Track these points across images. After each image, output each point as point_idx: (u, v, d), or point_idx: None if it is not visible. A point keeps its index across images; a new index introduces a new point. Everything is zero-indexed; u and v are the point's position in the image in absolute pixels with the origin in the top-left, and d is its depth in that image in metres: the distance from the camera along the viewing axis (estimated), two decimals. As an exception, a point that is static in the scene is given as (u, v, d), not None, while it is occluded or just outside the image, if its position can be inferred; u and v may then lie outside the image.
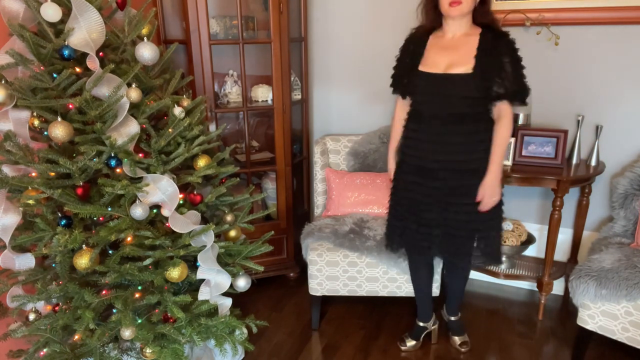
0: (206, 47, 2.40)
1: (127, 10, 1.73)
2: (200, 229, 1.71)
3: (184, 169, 1.86)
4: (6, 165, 1.63)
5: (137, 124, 1.66)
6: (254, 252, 1.96)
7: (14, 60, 1.51)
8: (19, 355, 1.80)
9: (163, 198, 1.66)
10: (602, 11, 2.27)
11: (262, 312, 2.63)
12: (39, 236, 1.62)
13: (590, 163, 2.38)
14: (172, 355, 1.76)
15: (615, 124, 2.39)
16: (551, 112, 2.51)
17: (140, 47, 1.69)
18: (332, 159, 2.71)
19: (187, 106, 1.85)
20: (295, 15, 2.71)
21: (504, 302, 2.70)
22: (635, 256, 2.02)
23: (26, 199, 1.59)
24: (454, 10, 1.77)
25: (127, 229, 1.60)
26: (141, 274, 1.65)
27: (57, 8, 1.51)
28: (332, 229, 2.35)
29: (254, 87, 2.72)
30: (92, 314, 1.60)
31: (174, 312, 1.68)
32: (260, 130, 2.99)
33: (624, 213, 2.28)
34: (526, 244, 2.56)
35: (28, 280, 1.73)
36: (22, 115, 1.60)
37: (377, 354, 2.29)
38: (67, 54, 1.57)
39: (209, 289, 1.81)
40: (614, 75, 2.35)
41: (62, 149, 1.67)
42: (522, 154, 2.38)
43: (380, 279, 2.28)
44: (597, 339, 2.14)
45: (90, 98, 1.57)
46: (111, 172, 1.65)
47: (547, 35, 2.38)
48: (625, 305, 1.89)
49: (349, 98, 2.96)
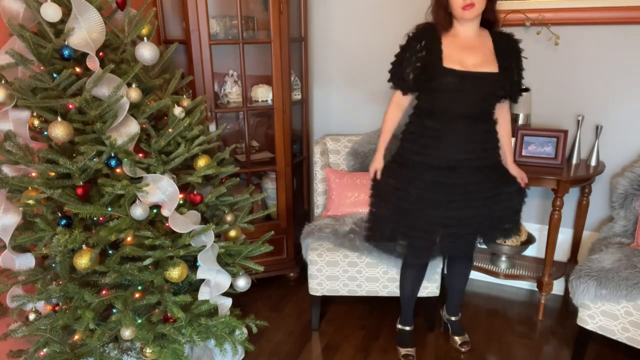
0: (206, 47, 2.40)
1: (127, 10, 1.73)
2: (200, 229, 1.71)
3: (184, 169, 1.86)
4: (6, 165, 1.63)
5: (137, 124, 1.66)
6: (254, 252, 1.96)
7: (14, 60, 1.51)
8: (19, 355, 1.80)
9: (163, 198, 1.66)
10: (602, 11, 2.27)
11: (262, 312, 2.63)
12: (39, 236, 1.62)
13: (590, 163, 2.38)
14: (172, 355, 1.76)
15: (615, 124, 2.39)
16: (551, 112, 2.51)
17: (140, 47, 1.69)
18: (332, 159, 2.71)
19: (187, 106, 1.85)
20: (295, 15, 2.71)
21: (504, 302, 2.70)
22: (635, 256, 2.02)
23: (26, 199, 1.59)
24: (469, 14, 1.77)
25: (127, 229, 1.60)
26: (141, 274, 1.65)
27: (57, 8, 1.51)
28: (332, 229, 2.35)
29: (254, 87, 2.72)
30: (92, 314, 1.60)
31: (174, 312, 1.68)
32: (260, 130, 2.99)
33: (624, 213, 2.28)
34: (526, 244, 2.56)
35: (28, 280, 1.73)
36: (22, 115, 1.60)
37: (377, 354, 2.29)
38: (67, 54, 1.57)
39: (209, 289, 1.81)
40: (614, 75, 2.35)
41: (62, 149, 1.67)
42: (522, 154, 2.38)
43: (380, 279, 2.28)
44: (597, 339, 2.14)
45: (90, 98, 1.57)
46: (111, 172, 1.65)
47: (547, 35, 2.38)
48: (625, 305, 1.89)
49: (349, 98, 2.96)
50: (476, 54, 1.85)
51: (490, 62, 1.85)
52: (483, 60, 1.85)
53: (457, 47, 1.86)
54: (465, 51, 1.85)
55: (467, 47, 1.86)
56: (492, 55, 1.86)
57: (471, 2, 1.74)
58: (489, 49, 1.87)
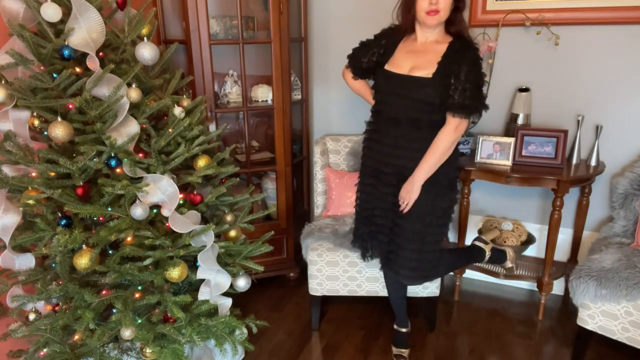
0: (206, 47, 2.40)
1: (127, 10, 1.73)
2: (200, 229, 1.71)
3: (184, 169, 1.86)
4: (6, 165, 1.63)
5: (137, 124, 1.66)
6: (254, 252, 1.96)
7: (14, 60, 1.51)
8: (19, 355, 1.80)
9: (163, 198, 1.66)
10: (602, 11, 2.27)
11: (262, 312, 2.63)
12: (39, 236, 1.62)
13: (590, 163, 2.38)
14: (172, 355, 1.76)
15: (615, 124, 2.39)
16: (551, 112, 2.51)
17: (140, 47, 1.69)
18: (332, 159, 2.71)
19: (187, 106, 1.85)
20: (295, 15, 2.71)
21: (504, 302, 2.70)
22: (635, 256, 2.02)
23: (26, 199, 1.59)
24: (432, 20, 1.74)
25: (127, 229, 1.60)
26: (141, 274, 1.65)
27: (57, 8, 1.51)
28: (332, 229, 2.35)
29: (254, 87, 2.72)
30: (92, 314, 1.60)
31: (174, 312, 1.68)
32: (260, 130, 2.99)
33: (624, 213, 2.28)
34: (526, 244, 2.56)
35: (28, 280, 1.73)
36: (22, 115, 1.60)
37: (377, 354, 2.29)
38: (67, 54, 1.57)
39: (209, 289, 1.81)
40: (614, 75, 2.35)
41: (62, 149, 1.67)
42: (522, 154, 2.38)
43: (380, 279, 2.28)
44: (597, 339, 2.14)
45: (90, 98, 1.57)
46: (111, 172, 1.65)
47: (547, 35, 2.38)
48: (625, 305, 1.89)
49: (349, 98, 2.95)
50: (417, 58, 1.81)
51: (427, 67, 1.77)
52: (419, 65, 1.79)
53: (407, 51, 1.85)
54: (410, 55, 1.83)
55: (413, 52, 1.84)
56: (435, 61, 1.77)
57: (436, 8, 1.71)
58: (436, 56, 1.78)
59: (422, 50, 1.82)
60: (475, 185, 2.56)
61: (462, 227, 2.59)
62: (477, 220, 2.79)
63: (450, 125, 1.79)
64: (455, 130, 1.79)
